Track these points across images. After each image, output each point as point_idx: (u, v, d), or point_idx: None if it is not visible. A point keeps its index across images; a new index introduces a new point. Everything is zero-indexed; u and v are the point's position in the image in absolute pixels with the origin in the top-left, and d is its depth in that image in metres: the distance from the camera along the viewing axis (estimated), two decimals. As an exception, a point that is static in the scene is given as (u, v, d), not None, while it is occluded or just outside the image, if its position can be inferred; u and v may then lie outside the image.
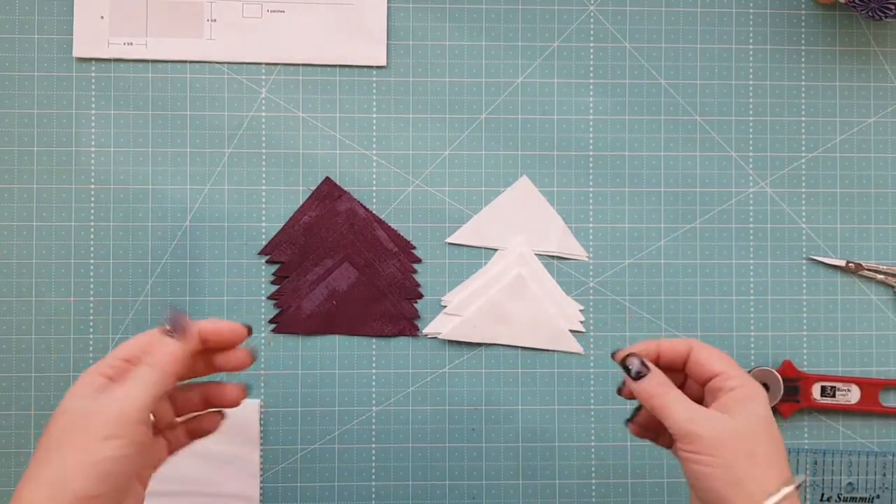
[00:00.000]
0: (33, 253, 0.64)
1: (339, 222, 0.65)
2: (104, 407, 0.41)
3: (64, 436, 0.41)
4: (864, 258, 0.67)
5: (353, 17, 0.65)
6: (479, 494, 0.65)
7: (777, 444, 0.47)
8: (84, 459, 0.40)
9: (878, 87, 0.67)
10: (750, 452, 0.47)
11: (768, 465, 0.46)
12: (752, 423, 0.47)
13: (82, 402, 0.42)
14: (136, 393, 0.42)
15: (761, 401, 0.48)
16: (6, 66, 0.64)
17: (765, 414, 0.48)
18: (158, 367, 0.43)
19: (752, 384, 0.48)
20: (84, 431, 0.41)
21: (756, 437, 0.47)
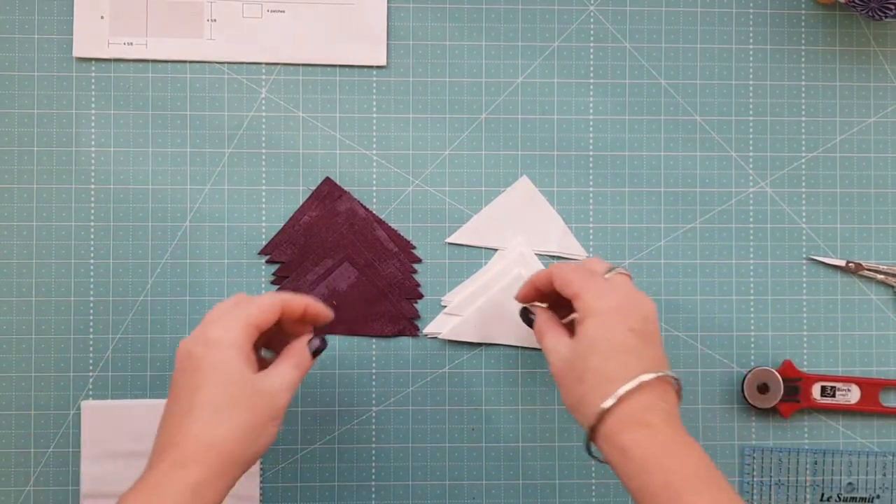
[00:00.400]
0: (33, 253, 0.64)
1: (339, 222, 0.65)
2: (277, 396, 0.50)
3: (245, 405, 0.49)
4: (865, 258, 0.67)
5: (354, 17, 0.65)
6: (479, 494, 0.65)
7: (608, 359, 0.50)
8: (265, 431, 0.50)
9: (878, 87, 0.67)
10: (579, 377, 0.51)
11: (596, 385, 0.49)
12: (583, 347, 0.51)
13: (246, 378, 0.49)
14: (288, 391, 0.51)
15: (594, 320, 0.51)
16: (6, 66, 0.64)
17: (594, 334, 0.51)
18: (302, 373, 0.53)
19: (592, 302, 0.51)
20: (262, 409, 0.50)
21: (585, 359, 0.51)
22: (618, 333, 0.50)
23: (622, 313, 0.51)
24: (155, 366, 0.64)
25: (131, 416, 0.63)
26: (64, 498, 0.63)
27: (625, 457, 0.48)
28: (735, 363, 0.66)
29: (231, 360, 0.49)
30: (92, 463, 0.63)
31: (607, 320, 0.51)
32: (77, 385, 0.64)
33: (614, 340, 0.50)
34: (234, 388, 0.49)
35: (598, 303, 0.51)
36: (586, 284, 0.52)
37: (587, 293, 0.52)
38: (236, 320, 0.50)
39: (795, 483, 0.65)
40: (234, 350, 0.49)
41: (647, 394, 0.49)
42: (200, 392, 0.48)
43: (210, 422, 0.48)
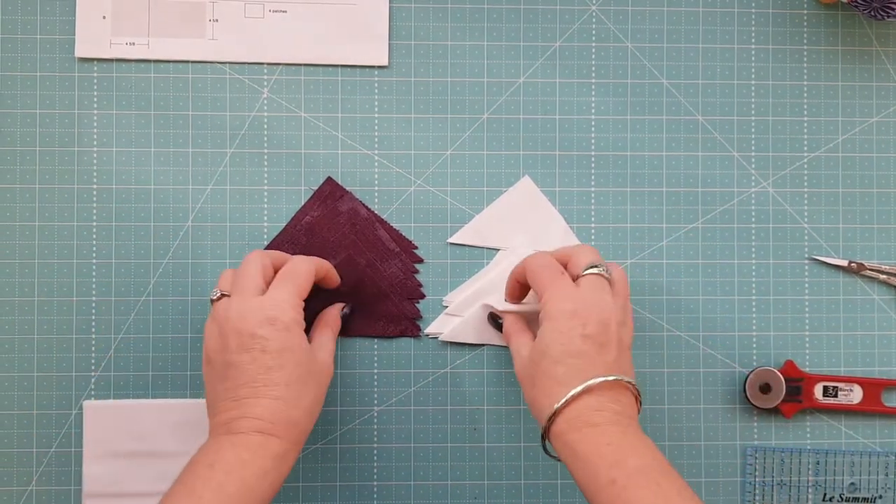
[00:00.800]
0: (35, 253, 0.64)
1: (340, 222, 0.65)
2: (327, 368, 0.56)
3: (307, 377, 0.53)
4: (867, 258, 0.67)
5: (356, 17, 0.65)
6: (481, 494, 0.65)
7: (559, 363, 0.51)
8: (320, 400, 0.54)
9: (880, 87, 0.67)
10: (532, 379, 0.52)
11: (546, 388, 0.51)
12: (538, 351, 0.52)
13: (311, 357, 0.54)
14: (332, 362, 0.57)
15: (550, 324, 0.52)
16: (9, 67, 0.64)
17: (548, 338, 0.51)
18: (335, 338, 0.60)
19: (550, 305, 0.52)
20: (318, 378, 0.54)
21: (538, 363, 0.52)
22: (572, 338, 0.51)
23: (578, 318, 0.51)
24: (157, 366, 0.64)
25: (133, 416, 0.63)
26: (66, 498, 0.63)
27: (573, 454, 0.49)
28: (737, 363, 0.66)
29: (300, 341, 0.53)
30: (94, 463, 0.63)
31: (563, 324, 0.51)
32: (79, 385, 0.64)
33: (568, 345, 0.51)
34: (303, 368, 0.52)
35: (557, 305, 0.52)
36: (550, 285, 0.53)
37: (549, 295, 0.53)
38: (290, 297, 0.53)
39: (798, 483, 0.65)
40: (299, 329, 0.53)
41: (596, 397, 0.50)
42: (277, 372, 0.51)
43: (291, 400, 0.51)
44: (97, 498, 0.63)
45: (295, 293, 0.54)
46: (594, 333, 0.51)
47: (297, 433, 0.52)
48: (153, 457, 0.63)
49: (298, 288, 0.54)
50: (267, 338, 0.52)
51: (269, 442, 0.51)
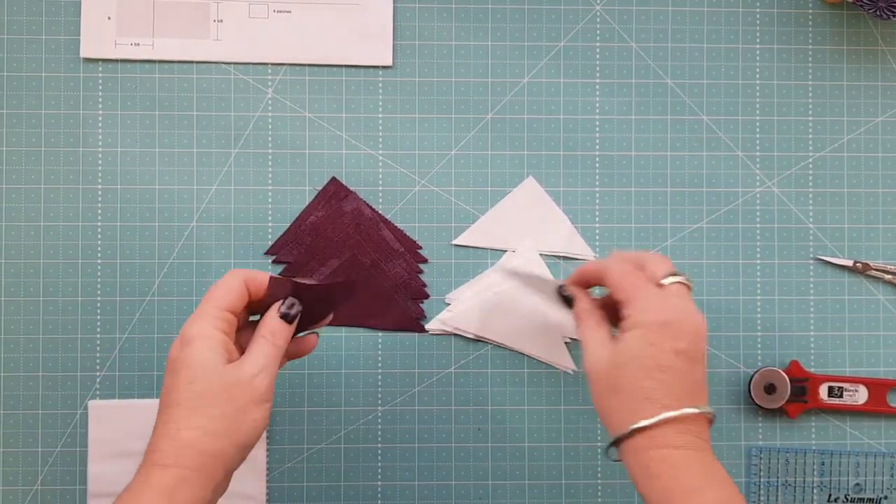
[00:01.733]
0: (41, 253, 0.64)
1: (345, 222, 0.65)
2: (253, 381, 0.48)
3: (222, 398, 0.47)
4: (872, 258, 0.67)
5: (360, 17, 0.65)
6: (485, 494, 0.65)
7: (649, 377, 0.48)
8: (248, 419, 0.48)
9: (885, 87, 0.67)
10: (614, 386, 0.49)
11: (632, 400, 0.48)
12: (625, 357, 0.49)
13: (216, 371, 0.48)
14: (272, 366, 0.49)
15: (641, 332, 0.49)
16: (14, 67, 0.64)
17: (638, 347, 0.48)
18: (278, 343, 0.50)
19: (639, 315, 0.49)
20: (241, 397, 0.48)
21: (624, 370, 0.49)
22: (664, 352, 0.48)
23: (671, 331, 0.48)
24: (161, 365, 0.64)
25: (138, 415, 0.63)
26: (71, 497, 0.63)
27: (646, 472, 0.47)
28: (742, 363, 0.66)
29: (201, 354, 0.48)
30: (99, 462, 0.63)
31: (655, 336, 0.48)
32: (84, 385, 0.64)
33: (659, 359, 0.48)
34: (204, 383, 0.47)
35: (648, 315, 0.49)
36: (638, 292, 0.50)
37: (637, 302, 0.50)
38: (202, 310, 0.49)
39: (803, 484, 0.65)
40: (205, 343, 0.48)
41: (683, 420, 0.48)
42: (174, 392, 0.47)
43: (183, 420, 0.47)
44: (102, 497, 0.63)
45: (207, 306, 0.49)
46: (686, 349, 0.48)
47: (195, 459, 0.46)
48: (158, 456, 0.63)
49: (212, 299, 0.49)
50: (174, 358, 0.48)
51: (161, 472, 0.46)
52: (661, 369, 0.48)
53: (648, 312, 0.49)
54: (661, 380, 0.48)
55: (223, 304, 0.49)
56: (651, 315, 0.49)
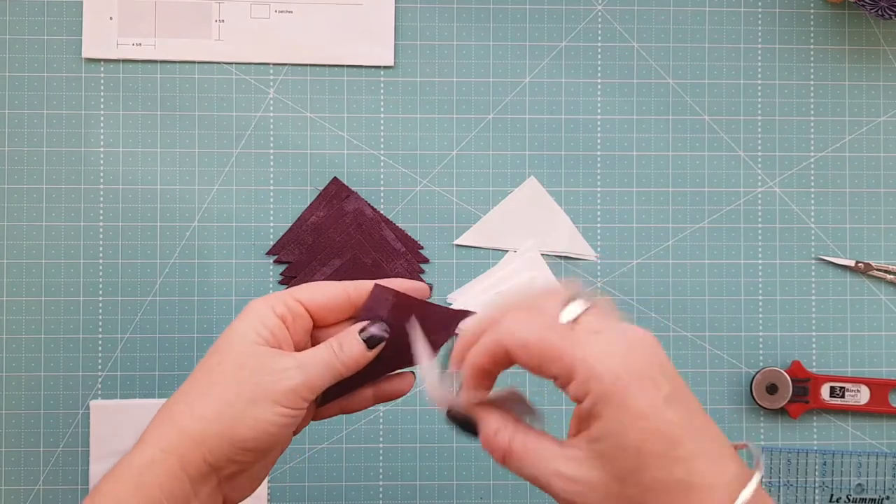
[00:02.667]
0: (42, 253, 0.64)
1: (346, 222, 0.65)
2: (282, 374, 0.40)
3: (233, 378, 0.40)
4: (874, 258, 0.67)
5: (361, 17, 0.65)
6: (486, 494, 0.65)
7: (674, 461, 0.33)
8: (250, 413, 0.39)
9: (887, 86, 0.67)
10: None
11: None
12: (624, 459, 0.33)
13: (242, 345, 0.41)
14: (315, 375, 0.41)
15: (619, 410, 0.33)
16: (16, 67, 0.64)
17: (632, 431, 0.33)
18: (342, 363, 0.41)
19: (596, 384, 0.33)
20: (256, 386, 0.39)
21: (637, 476, 0.33)
22: (661, 413, 0.33)
23: (649, 377, 0.34)
24: (164, 365, 0.64)
25: (140, 415, 0.63)
26: (73, 497, 0.64)
27: None
28: (743, 364, 0.66)
29: (238, 326, 0.41)
30: (101, 462, 0.63)
31: (638, 400, 0.33)
32: (86, 384, 0.64)
33: (664, 429, 0.33)
34: (221, 356, 0.41)
35: (611, 374, 0.33)
36: (574, 350, 0.34)
37: (586, 364, 0.34)
38: (275, 293, 0.42)
39: (804, 484, 0.65)
40: (250, 317, 0.41)
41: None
42: (197, 369, 0.41)
43: (182, 392, 0.41)
44: (104, 497, 0.63)
45: (279, 293, 0.43)
46: (671, 388, 0.34)
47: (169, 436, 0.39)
48: (159, 456, 0.63)
49: (290, 290, 0.43)
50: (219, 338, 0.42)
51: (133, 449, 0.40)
52: (673, 442, 0.33)
53: (607, 367, 0.33)
54: (686, 453, 0.33)
55: (302, 295, 0.42)
56: (615, 366, 0.33)
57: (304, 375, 0.40)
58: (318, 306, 0.43)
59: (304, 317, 0.42)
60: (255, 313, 0.41)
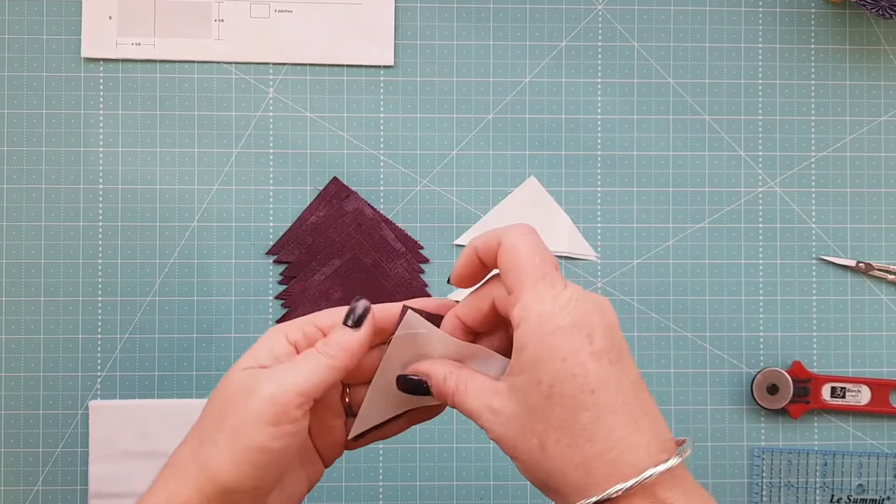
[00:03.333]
0: (42, 253, 0.64)
1: (346, 222, 0.65)
2: (261, 386, 0.36)
3: (221, 413, 0.37)
4: (875, 258, 0.66)
5: (361, 16, 0.65)
6: (486, 495, 0.65)
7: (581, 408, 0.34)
8: (234, 447, 0.36)
9: (888, 86, 0.67)
10: (540, 442, 0.35)
11: (567, 457, 0.34)
12: (534, 393, 0.35)
13: (244, 374, 0.37)
14: (296, 377, 0.37)
15: (541, 346, 0.34)
16: (15, 67, 0.64)
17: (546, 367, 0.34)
18: (329, 356, 0.38)
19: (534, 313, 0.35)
20: (238, 412, 0.36)
21: (542, 414, 0.35)
22: (582, 361, 0.34)
23: (585, 330, 0.35)
24: (163, 365, 0.64)
25: (139, 415, 0.63)
26: (72, 498, 0.63)
27: None
28: (744, 364, 0.66)
29: (240, 361, 0.39)
30: (100, 463, 0.63)
31: (562, 343, 0.34)
32: (85, 385, 0.64)
33: (580, 374, 0.34)
34: (221, 385, 0.38)
35: (546, 316, 0.35)
36: (536, 280, 0.36)
37: (535, 296, 0.36)
38: (296, 320, 0.40)
39: (805, 485, 0.65)
40: (256, 347, 0.39)
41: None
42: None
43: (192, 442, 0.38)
44: (103, 498, 0.63)
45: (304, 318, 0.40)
46: (607, 349, 0.35)
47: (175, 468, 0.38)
48: (159, 457, 0.62)
49: (313, 315, 0.40)
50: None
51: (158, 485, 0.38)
52: (589, 388, 0.34)
53: (547, 309, 0.35)
54: (596, 404, 0.34)
55: (323, 322, 0.39)
56: (551, 312, 0.35)
57: (295, 393, 0.36)
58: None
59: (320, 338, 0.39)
60: (265, 339, 0.39)
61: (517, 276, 0.36)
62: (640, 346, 0.65)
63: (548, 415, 0.35)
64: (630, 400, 0.35)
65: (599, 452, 0.34)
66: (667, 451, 0.35)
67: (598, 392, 0.34)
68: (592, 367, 0.34)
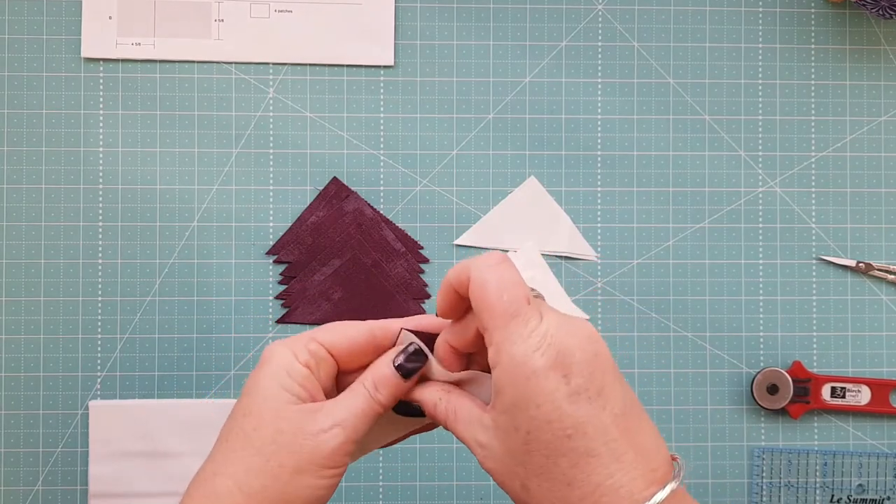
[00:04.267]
0: (42, 253, 0.64)
1: (346, 222, 0.65)
2: (323, 436, 0.37)
3: (273, 447, 0.37)
4: (875, 258, 0.66)
5: (361, 16, 0.65)
6: (486, 495, 0.65)
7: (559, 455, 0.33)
8: (297, 483, 0.36)
9: (888, 86, 0.67)
10: (523, 484, 0.35)
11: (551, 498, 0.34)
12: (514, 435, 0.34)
13: (277, 408, 0.37)
14: (355, 427, 0.37)
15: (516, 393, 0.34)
16: (15, 67, 0.64)
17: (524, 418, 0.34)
18: (378, 403, 0.38)
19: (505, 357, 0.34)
20: (299, 454, 0.36)
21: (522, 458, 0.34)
22: (559, 406, 0.33)
23: (560, 370, 0.34)
24: (163, 365, 0.64)
25: (139, 415, 0.63)
26: (72, 498, 0.63)
27: None
28: (744, 364, 0.66)
29: (268, 382, 0.38)
30: (100, 463, 0.63)
31: (536, 389, 0.33)
32: (85, 385, 0.64)
33: (556, 420, 0.33)
34: (257, 420, 0.37)
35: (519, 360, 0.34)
36: (507, 320, 0.34)
37: (506, 338, 0.34)
38: (295, 338, 0.39)
39: (805, 485, 0.65)
40: (279, 369, 0.38)
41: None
42: (230, 421, 0.38)
43: (221, 462, 0.37)
44: (103, 498, 0.63)
45: (303, 336, 0.39)
46: (586, 385, 0.34)
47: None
48: (159, 457, 0.63)
49: (313, 333, 0.40)
50: (246, 383, 0.39)
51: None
52: (564, 434, 0.33)
53: (520, 351, 0.34)
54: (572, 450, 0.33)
55: (323, 337, 0.39)
56: (524, 355, 0.34)
57: (346, 431, 0.37)
58: (341, 350, 0.39)
59: (328, 361, 0.39)
60: (279, 365, 0.38)
61: (488, 317, 0.35)
62: (640, 346, 0.65)
63: (526, 460, 0.34)
64: (613, 437, 0.34)
65: (580, 497, 0.33)
66: (656, 483, 0.34)
67: (575, 437, 0.33)
68: (568, 410, 0.33)
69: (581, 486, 0.33)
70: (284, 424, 0.37)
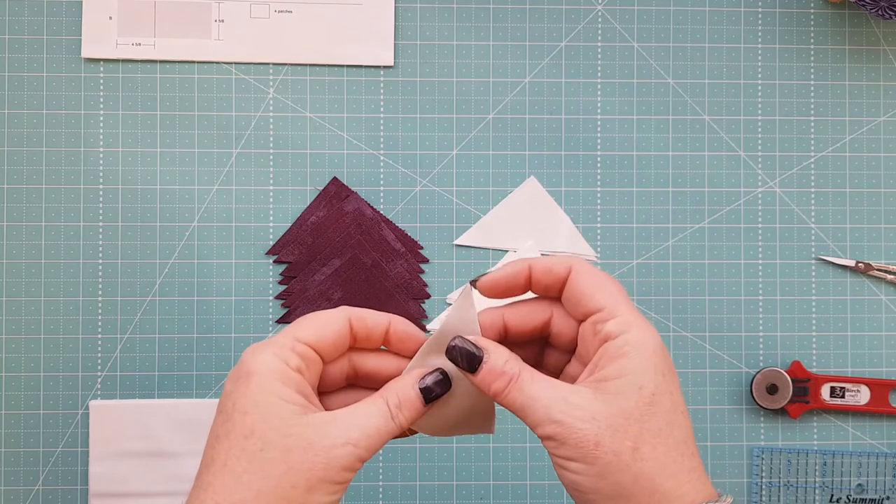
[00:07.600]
0: (42, 253, 0.64)
1: (346, 222, 0.65)
2: (334, 452, 0.35)
3: (283, 466, 0.35)
4: (874, 258, 0.67)
5: (361, 16, 0.65)
6: (486, 495, 0.65)
7: (673, 424, 0.35)
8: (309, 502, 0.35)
9: (888, 86, 0.67)
10: (635, 446, 0.35)
11: (663, 468, 0.35)
12: (632, 403, 0.35)
13: (283, 424, 0.35)
14: (369, 445, 0.36)
15: (645, 357, 0.35)
16: (15, 67, 0.64)
17: (650, 378, 0.35)
18: (398, 424, 0.37)
19: (637, 328, 0.36)
20: (310, 472, 0.35)
21: (642, 418, 0.35)
22: (676, 385, 0.37)
23: (667, 357, 0.37)
24: (163, 365, 0.64)
25: (139, 415, 0.63)
26: (72, 497, 0.63)
27: None
28: (744, 364, 0.66)
29: (266, 397, 0.35)
30: (100, 462, 0.63)
31: (656, 362, 0.36)
32: (85, 385, 0.64)
33: (677, 394, 0.37)
34: (262, 441, 0.35)
35: (640, 333, 0.36)
36: (624, 304, 0.37)
37: (627, 312, 0.37)
38: (274, 338, 0.37)
39: (805, 484, 0.65)
40: (273, 381, 0.36)
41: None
42: (223, 442, 0.36)
43: (223, 489, 0.35)
44: (103, 497, 0.63)
45: (286, 337, 0.37)
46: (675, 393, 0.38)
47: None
48: (159, 457, 0.63)
49: (294, 332, 0.37)
50: (227, 394, 0.37)
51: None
52: (680, 411, 0.37)
53: (640, 326, 0.37)
54: (686, 430, 0.37)
55: (307, 336, 0.37)
56: (642, 330, 0.36)
57: (359, 449, 0.36)
58: (326, 347, 0.38)
59: (316, 361, 0.38)
60: (270, 376, 0.36)
61: (607, 296, 0.37)
62: (640, 346, 0.65)
63: (647, 420, 0.35)
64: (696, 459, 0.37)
65: (689, 469, 0.35)
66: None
67: (685, 416, 0.36)
68: (679, 391, 0.36)
69: (689, 458, 0.36)
70: (292, 441, 0.35)
